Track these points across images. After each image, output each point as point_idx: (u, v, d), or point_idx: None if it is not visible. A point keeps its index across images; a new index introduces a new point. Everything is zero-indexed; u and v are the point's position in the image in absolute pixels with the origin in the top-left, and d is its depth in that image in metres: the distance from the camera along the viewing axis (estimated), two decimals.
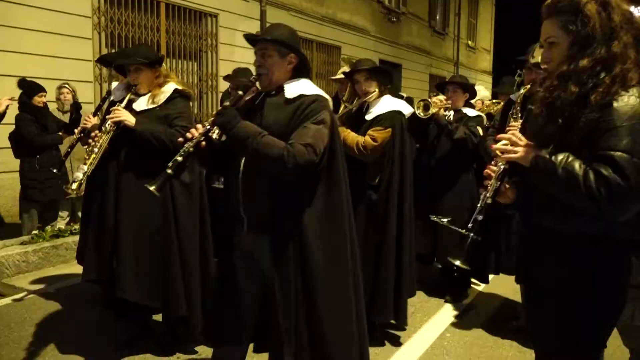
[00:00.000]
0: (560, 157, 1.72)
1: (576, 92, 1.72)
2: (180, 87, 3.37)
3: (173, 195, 3.27)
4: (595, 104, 1.68)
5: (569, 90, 1.73)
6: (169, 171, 2.36)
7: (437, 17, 18.65)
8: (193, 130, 2.45)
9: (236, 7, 9.86)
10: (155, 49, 3.79)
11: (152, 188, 2.34)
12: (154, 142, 3.13)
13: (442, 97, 4.48)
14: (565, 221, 1.82)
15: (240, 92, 2.50)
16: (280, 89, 2.51)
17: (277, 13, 10.78)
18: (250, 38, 2.63)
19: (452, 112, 4.46)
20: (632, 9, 1.86)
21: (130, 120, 3.18)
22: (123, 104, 3.27)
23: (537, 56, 2.58)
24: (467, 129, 4.23)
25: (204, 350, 3.42)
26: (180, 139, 2.44)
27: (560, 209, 1.80)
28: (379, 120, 3.55)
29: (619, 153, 1.63)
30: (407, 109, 3.74)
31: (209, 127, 2.40)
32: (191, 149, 2.38)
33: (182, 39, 8.92)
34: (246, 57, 10.15)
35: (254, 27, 10.24)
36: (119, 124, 3.19)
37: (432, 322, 4.17)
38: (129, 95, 3.30)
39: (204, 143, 2.40)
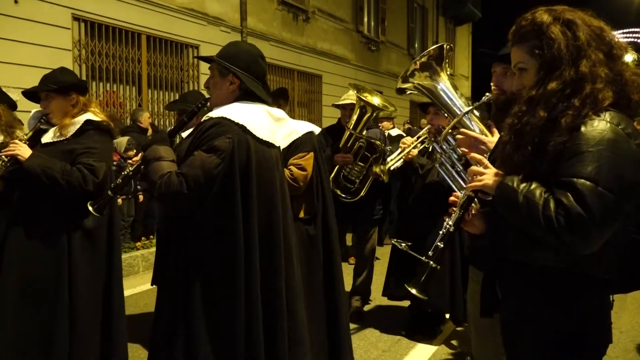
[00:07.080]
0: (523, 184, 1.60)
1: (545, 117, 1.62)
2: (97, 119, 2.96)
3: (70, 243, 2.78)
4: (564, 127, 1.57)
5: (538, 115, 1.63)
6: (109, 193, 2.33)
7: (416, 45, 18.99)
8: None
9: (217, 38, 9.95)
10: (76, 74, 3.31)
11: (91, 208, 2.31)
12: (43, 179, 2.71)
13: (409, 139, 4.10)
14: (532, 255, 1.67)
15: (185, 119, 2.31)
16: None
17: (258, 43, 10.85)
18: (200, 59, 2.54)
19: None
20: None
21: (24, 154, 2.78)
22: (27, 136, 2.97)
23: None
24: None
25: None
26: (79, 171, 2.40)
27: (528, 241, 1.64)
28: (297, 145, 3.09)
29: (582, 180, 1.48)
30: (316, 128, 3.32)
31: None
32: (130, 173, 2.28)
33: (164, 70, 8.95)
34: None
35: None
36: (13, 159, 2.82)
37: None
38: (38, 125, 2.98)
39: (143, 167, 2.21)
